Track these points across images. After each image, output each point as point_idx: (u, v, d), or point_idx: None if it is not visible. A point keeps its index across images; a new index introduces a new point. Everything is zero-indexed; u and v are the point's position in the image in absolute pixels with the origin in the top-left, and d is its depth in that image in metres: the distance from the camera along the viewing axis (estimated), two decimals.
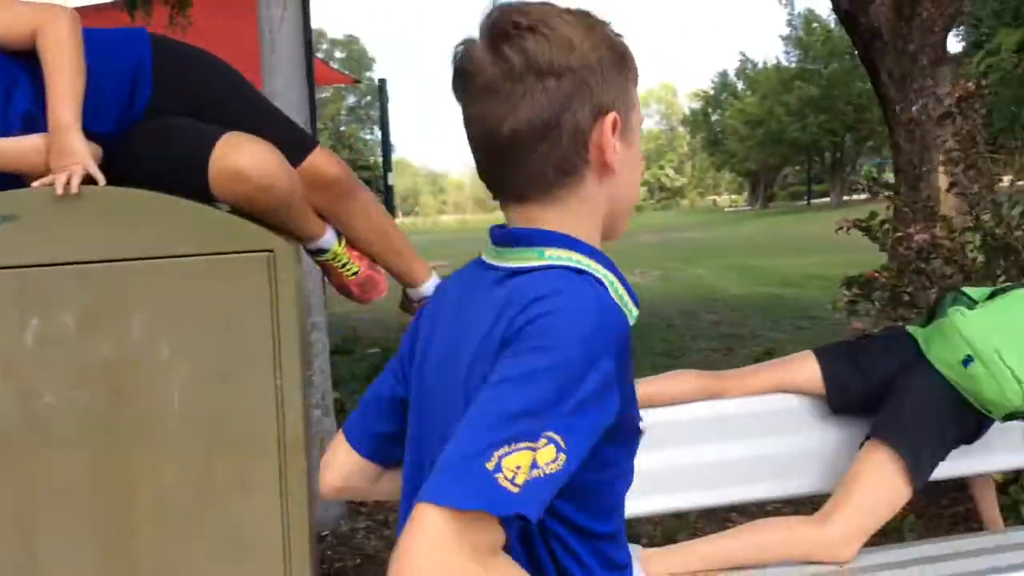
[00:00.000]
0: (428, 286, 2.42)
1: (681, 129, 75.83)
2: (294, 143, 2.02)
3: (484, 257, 1.15)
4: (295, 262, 2.01)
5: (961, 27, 34.52)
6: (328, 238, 2.20)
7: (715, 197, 74.12)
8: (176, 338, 1.86)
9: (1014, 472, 3.29)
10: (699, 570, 2.41)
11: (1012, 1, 29.09)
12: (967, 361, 2.34)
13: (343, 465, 1.30)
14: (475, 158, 1.10)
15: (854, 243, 3.97)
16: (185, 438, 1.89)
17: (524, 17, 1.01)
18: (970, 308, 2.46)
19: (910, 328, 2.58)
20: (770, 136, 41.08)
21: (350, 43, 62.68)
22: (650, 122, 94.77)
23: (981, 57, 28.50)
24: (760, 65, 45.12)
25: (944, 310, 2.47)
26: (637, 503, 2.47)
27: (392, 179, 16.85)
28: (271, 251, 1.86)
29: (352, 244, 2.27)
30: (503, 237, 1.10)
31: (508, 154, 1.05)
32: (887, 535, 3.31)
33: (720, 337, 8.46)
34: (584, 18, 1.05)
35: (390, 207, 17.49)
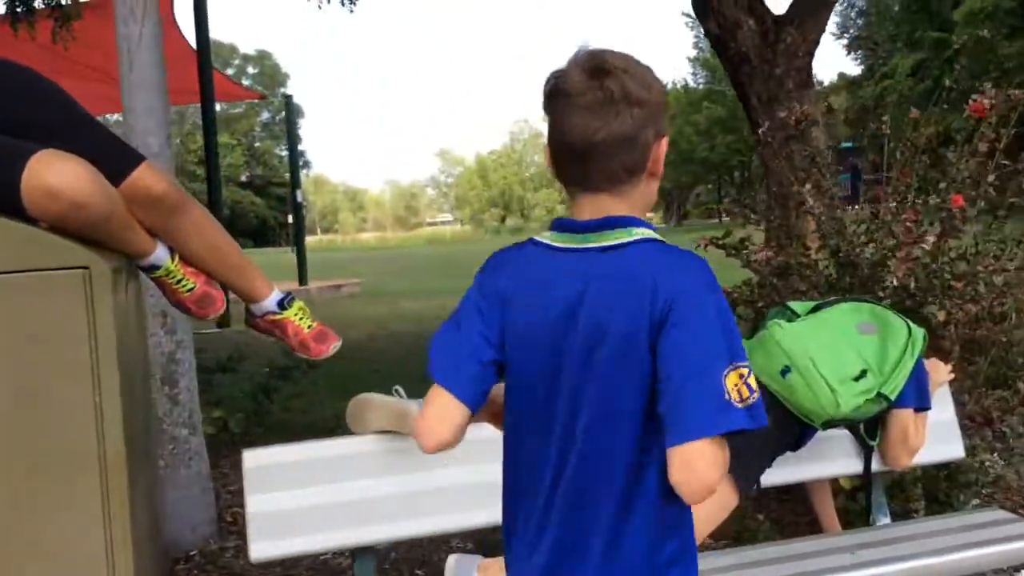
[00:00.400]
0: (270, 301, 2.44)
1: None
2: (117, 160, 2.03)
3: (552, 243, 1.50)
4: (119, 278, 2.02)
5: (859, 51, 35.82)
6: (160, 255, 2.21)
7: None
8: None
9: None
10: None
11: (907, 27, 30.31)
12: (785, 371, 2.47)
13: (457, 420, 1.51)
14: (561, 158, 1.47)
15: None
16: (1, 453, 1.88)
17: (619, 62, 1.43)
18: (791, 321, 2.59)
19: None
20: (681, 156, 41.86)
21: (263, 59, 61.89)
22: None
23: (878, 80, 29.63)
24: (670, 86, 46.02)
25: (766, 323, 2.59)
26: (468, 515, 2.54)
27: (300, 196, 16.69)
28: (86, 268, 1.86)
29: (187, 261, 2.28)
30: (590, 225, 1.46)
31: (596, 155, 1.42)
32: (744, 541, 3.43)
33: None
34: (649, 70, 1.46)
35: (299, 224, 17.33)
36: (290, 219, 17.86)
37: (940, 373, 2.90)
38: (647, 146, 1.44)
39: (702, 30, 5.70)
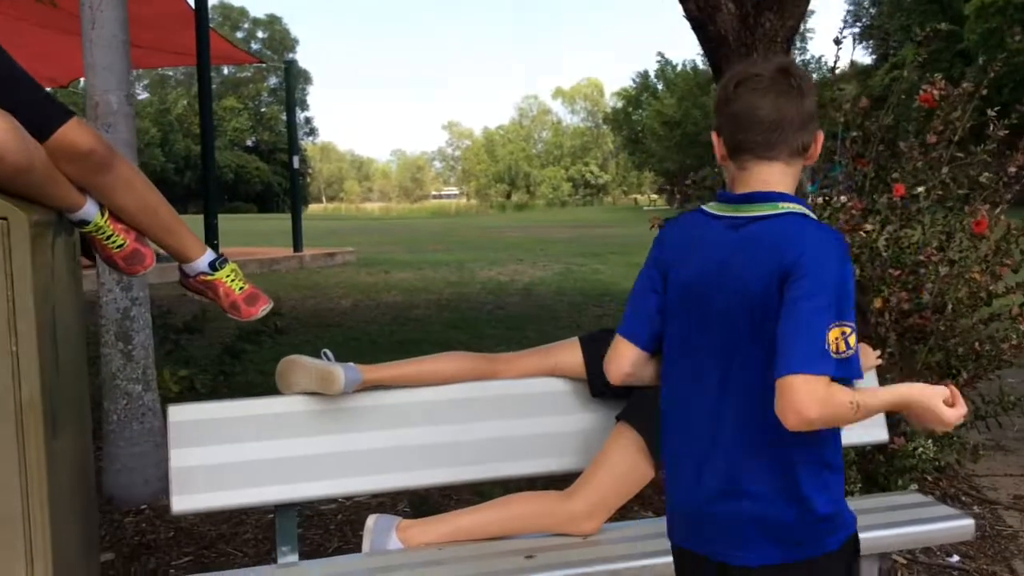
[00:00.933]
0: (202, 262, 2.48)
1: (606, 127, 76.30)
2: (44, 116, 2.06)
3: (710, 210, 1.79)
4: (42, 231, 2.06)
5: (871, 40, 35.61)
6: (88, 210, 2.25)
7: (636, 196, 74.87)
8: None
9: None
10: (456, 540, 2.54)
11: (917, 18, 30.12)
12: None
13: (628, 358, 1.89)
14: (746, 130, 1.73)
15: None
16: None
17: (795, 65, 1.77)
18: None
19: None
20: (686, 137, 41.62)
21: (272, 23, 61.48)
22: (576, 119, 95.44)
23: (887, 70, 29.46)
24: (679, 68, 45.72)
25: None
26: (387, 477, 2.60)
27: (297, 163, 16.62)
28: (4, 219, 1.91)
29: (118, 218, 2.32)
30: (741, 197, 1.74)
31: (782, 128, 1.71)
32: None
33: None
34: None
35: (296, 191, 17.35)
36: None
37: (868, 358, 2.93)
38: (814, 132, 1.76)
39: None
